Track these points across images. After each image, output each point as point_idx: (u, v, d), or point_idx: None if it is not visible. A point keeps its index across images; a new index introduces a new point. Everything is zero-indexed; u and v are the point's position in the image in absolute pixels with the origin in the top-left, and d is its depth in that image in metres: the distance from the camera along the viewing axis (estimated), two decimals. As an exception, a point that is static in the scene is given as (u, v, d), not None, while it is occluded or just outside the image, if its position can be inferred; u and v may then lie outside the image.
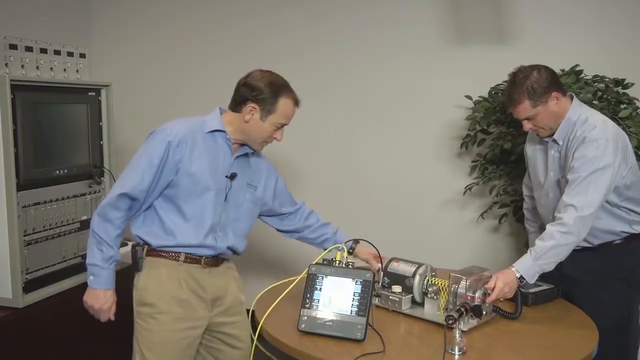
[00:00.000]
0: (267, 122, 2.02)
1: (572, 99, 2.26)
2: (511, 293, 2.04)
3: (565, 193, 2.12)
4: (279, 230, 2.39)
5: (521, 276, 2.04)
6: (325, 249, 2.30)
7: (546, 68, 2.21)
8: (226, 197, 2.07)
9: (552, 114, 2.20)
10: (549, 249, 2.05)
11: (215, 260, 2.10)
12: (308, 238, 2.38)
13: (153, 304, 2.00)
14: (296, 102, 2.06)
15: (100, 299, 1.98)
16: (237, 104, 2.04)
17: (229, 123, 2.05)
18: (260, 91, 1.99)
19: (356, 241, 2.32)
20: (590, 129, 2.14)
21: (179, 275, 2.03)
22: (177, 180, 1.98)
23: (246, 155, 2.13)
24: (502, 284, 2.00)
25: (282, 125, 2.06)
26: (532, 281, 2.08)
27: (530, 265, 2.05)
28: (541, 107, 2.17)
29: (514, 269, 2.05)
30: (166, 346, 2.00)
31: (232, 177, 2.06)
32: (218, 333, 2.14)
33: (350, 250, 2.29)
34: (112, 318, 2.03)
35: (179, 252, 2.02)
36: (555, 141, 2.26)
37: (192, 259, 2.04)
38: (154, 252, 2.04)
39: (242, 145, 2.10)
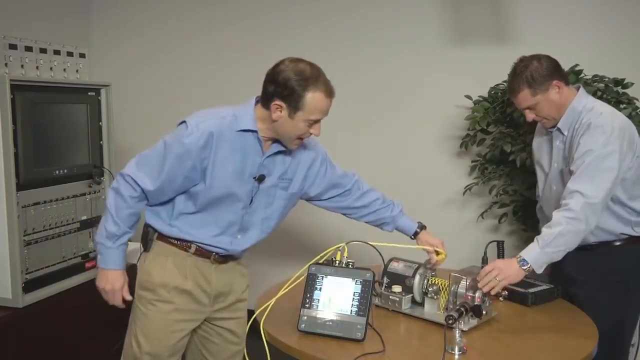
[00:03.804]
0: (297, 119, 1.83)
1: (578, 89, 2.25)
2: (507, 281, 2.00)
3: (571, 180, 2.07)
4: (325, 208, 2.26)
5: (527, 265, 1.99)
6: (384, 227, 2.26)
7: (547, 57, 2.21)
8: (251, 201, 1.96)
9: (552, 103, 2.19)
10: (556, 235, 1.98)
11: (225, 258, 2.03)
12: (364, 218, 2.25)
13: (154, 291, 1.95)
14: (329, 93, 1.86)
15: (106, 279, 1.93)
16: (265, 100, 1.87)
17: (261, 119, 1.88)
18: (285, 87, 1.80)
19: (422, 226, 2.26)
20: (596, 116, 2.12)
21: (185, 267, 1.97)
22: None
23: (281, 152, 1.97)
24: (496, 269, 1.99)
25: (316, 121, 1.88)
26: (539, 271, 2.02)
27: (538, 254, 2.00)
28: (541, 95, 2.17)
29: (518, 258, 2.01)
30: (161, 334, 1.96)
31: (261, 179, 1.94)
32: (216, 326, 2.10)
33: (413, 237, 2.26)
34: (128, 297, 1.96)
35: (190, 243, 1.96)
36: (560, 131, 2.24)
37: (202, 253, 1.98)
38: (165, 237, 1.97)
39: (275, 141, 1.94)
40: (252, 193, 1.96)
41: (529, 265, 2.00)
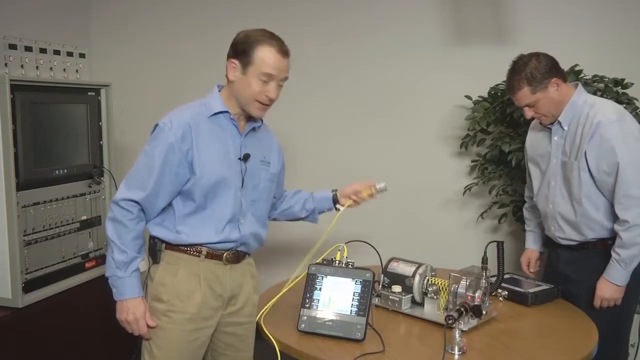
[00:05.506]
0: (249, 75, 1.89)
1: (576, 87, 2.29)
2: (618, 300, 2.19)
3: (621, 184, 2.11)
4: None
5: (620, 286, 2.16)
6: (305, 213, 2.32)
7: (546, 55, 2.25)
8: (243, 182, 1.97)
9: (552, 101, 2.22)
10: (636, 254, 2.12)
11: (237, 255, 2.00)
12: (287, 209, 2.32)
13: (168, 301, 1.91)
14: (280, 50, 1.90)
15: (126, 310, 1.87)
16: (226, 70, 1.96)
17: (228, 97, 1.97)
18: (238, 44, 1.92)
19: (334, 190, 2.35)
20: (601, 111, 2.17)
21: (198, 272, 1.93)
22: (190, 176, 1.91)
23: (254, 129, 2.02)
24: (604, 300, 2.18)
25: (269, 77, 1.89)
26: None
27: (626, 276, 2.15)
28: (541, 93, 2.20)
29: (611, 281, 2.16)
30: (176, 345, 1.92)
31: (246, 158, 1.97)
32: (225, 334, 2.03)
33: (336, 205, 2.34)
34: (152, 324, 1.89)
35: (201, 248, 1.93)
36: (560, 125, 2.27)
37: (214, 255, 1.95)
38: (173, 246, 1.94)
39: (248, 120, 2.01)
40: (242, 174, 1.97)
41: (621, 286, 2.17)
